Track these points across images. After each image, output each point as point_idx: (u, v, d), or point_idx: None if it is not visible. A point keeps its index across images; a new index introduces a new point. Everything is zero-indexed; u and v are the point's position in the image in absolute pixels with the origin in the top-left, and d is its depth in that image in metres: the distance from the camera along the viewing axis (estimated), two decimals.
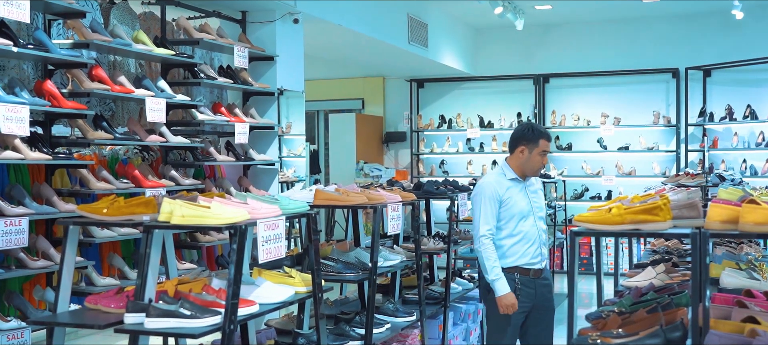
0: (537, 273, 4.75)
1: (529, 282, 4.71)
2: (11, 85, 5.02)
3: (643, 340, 2.83)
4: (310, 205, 4.53)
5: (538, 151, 4.72)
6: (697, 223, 3.05)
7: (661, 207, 2.98)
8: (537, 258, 4.76)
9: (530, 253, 4.73)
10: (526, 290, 4.69)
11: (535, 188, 4.92)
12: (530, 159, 4.72)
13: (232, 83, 7.02)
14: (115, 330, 3.46)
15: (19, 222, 4.87)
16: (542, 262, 4.80)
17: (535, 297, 4.73)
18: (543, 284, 4.80)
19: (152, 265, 3.59)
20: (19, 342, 4.82)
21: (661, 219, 2.98)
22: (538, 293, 4.75)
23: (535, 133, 4.75)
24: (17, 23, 5.26)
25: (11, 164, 5.30)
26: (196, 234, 6.54)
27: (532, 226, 4.75)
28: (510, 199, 4.72)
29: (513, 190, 4.74)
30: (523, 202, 4.75)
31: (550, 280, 4.95)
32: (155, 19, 6.81)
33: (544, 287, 4.81)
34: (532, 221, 4.75)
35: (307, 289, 4.10)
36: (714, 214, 2.86)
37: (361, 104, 13.78)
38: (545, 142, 4.75)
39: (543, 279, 4.80)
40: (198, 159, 6.69)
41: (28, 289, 5.51)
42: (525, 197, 4.78)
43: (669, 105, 12.17)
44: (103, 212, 3.79)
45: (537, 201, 4.86)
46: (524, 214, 4.73)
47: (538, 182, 5.04)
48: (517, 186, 4.78)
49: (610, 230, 3.01)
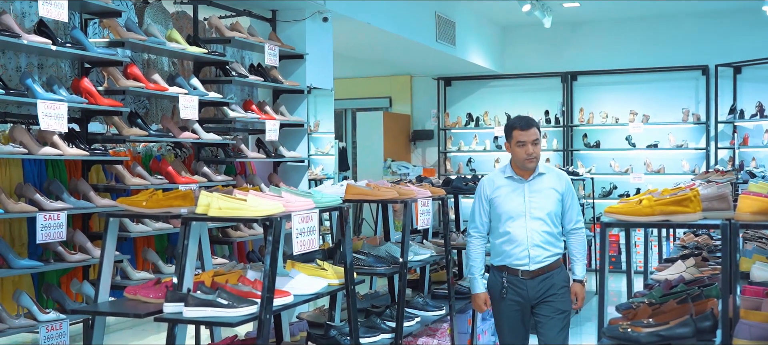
0: (527, 274, 4.50)
1: (518, 282, 4.51)
2: (50, 83, 5.15)
3: (673, 330, 2.86)
4: (342, 200, 4.61)
5: (514, 142, 4.48)
6: (726, 214, 3.07)
7: (691, 198, 3.01)
8: (524, 259, 4.49)
9: (516, 254, 4.49)
10: (513, 289, 4.52)
11: (541, 187, 4.54)
12: (513, 152, 4.51)
13: (262, 81, 7.11)
14: (155, 319, 3.54)
15: (58, 216, 4.99)
16: (533, 264, 4.49)
17: (527, 297, 4.51)
18: (540, 283, 4.51)
19: (190, 256, 3.68)
20: (57, 333, 4.95)
21: (691, 210, 3.01)
22: (530, 294, 4.51)
23: (508, 127, 4.55)
24: (55, 22, 5.38)
25: (49, 160, 5.43)
26: (227, 229, 6.65)
27: (522, 227, 4.48)
28: (497, 198, 4.56)
29: (504, 190, 4.55)
30: (513, 203, 4.52)
31: (557, 279, 4.55)
32: (188, 18, 6.92)
33: (541, 285, 4.51)
34: (522, 222, 4.48)
35: (339, 281, 4.17)
36: (744, 206, 2.89)
37: (388, 102, 13.85)
38: (519, 131, 4.45)
39: (540, 279, 4.51)
40: (229, 156, 6.79)
41: (65, 282, 5.64)
42: (519, 197, 4.52)
43: (699, 102, 12.10)
44: (142, 205, 3.88)
45: (538, 201, 4.51)
46: (512, 215, 4.50)
47: (553, 180, 4.58)
48: (512, 185, 4.55)
49: (641, 221, 3.04)
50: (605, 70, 12.45)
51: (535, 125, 4.52)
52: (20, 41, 4.82)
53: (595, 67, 12.50)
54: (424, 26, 10.05)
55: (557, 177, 4.63)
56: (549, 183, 4.57)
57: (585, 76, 12.68)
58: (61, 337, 4.97)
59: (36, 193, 5.03)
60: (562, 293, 4.55)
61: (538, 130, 4.53)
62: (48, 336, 4.89)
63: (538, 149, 4.51)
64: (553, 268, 4.55)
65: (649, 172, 12.09)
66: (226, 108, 6.68)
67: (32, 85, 4.94)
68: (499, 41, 12.88)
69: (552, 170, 4.67)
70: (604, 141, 12.47)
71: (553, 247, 4.54)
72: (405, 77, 13.66)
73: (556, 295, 4.52)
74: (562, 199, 4.56)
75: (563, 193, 4.56)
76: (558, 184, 4.58)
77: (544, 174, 4.57)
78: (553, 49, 12.68)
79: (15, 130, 5.00)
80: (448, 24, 10.66)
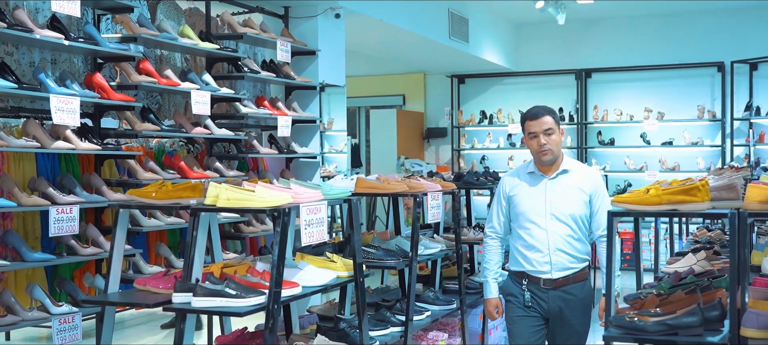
0: (549, 283, 4.08)
1: (539, 291, 4.11)
2: (62, 78, 5.19)
3: (680, 318, 2.85)
4: (351, 193, 4.62)
5: (527, 134, 4.16)
6: (735, 204, 3.06)
7: (699, 188, 3.00)
8: (544, 266, 4.09)
9: (535, 260, 4.11)
10: (535, 299, 4.12)
11: (565, 186, 4.13)
12: (528, 146, 4.17)
13: (274, 77, 7.13)
14: (164, 308, 3.57)
15: (71, 210, 5.03)
16: (556, 272, 4.08)
17: (547, 309, 4.11)
18: (560, 297, 4.09)
19: (199, 247, 3.70)
20: (69, 326, 4.98)
21: (699, 199, 2.99)
22: (551, 305, 4.10)
23: (521, 119, 4.23)
24: (68, 18, 5.43)
25: (62, 154, 5.47)
26: (240, 225, 6.68)
27: (542, 229, 4.09)
28: (516, 196, 4.20)
29: (524, 187, 4.19)
30: (533, 201, 4.14)
31: (581, 293, 4.14)
32: (200, 14, 6.95)
33: (561, 301, 4.09)
34: (542, 223, 4.09)
35: (348, 274, 4.18)
36: (752, 195, 2.87)
37: (402, 100, 13.86)
38: (530, 122, 4.12)
39: (562, 291, 4.09)
40: (241, 151, 6.82)
41: (78, 276, 5.69)
42: (539, 195, 4.13)
43: (714, 99, 12.02)
44: (152, 196, 3.91)
45: (560, 201, 4.10)
46: (531, 216, 4.12)
47: (580, 178, 4.15)
48: (533, 181, 4.18)
49: (649, 210, 3.03)
50: (620, 67, 12.40)
51: (549, 113, 4.14)
52: (33, 36, 4.86)
53: (609, 64, 12.45)
54: (436, 23, 10.04)
55: (585, 175, 4.19)
56: (575, 181, 4.13)
57: (599, 73, 12.63)
58: (74, 330, 5.01)
59: (49, 187, 5.07)
60: (583, 311, 4.14)
61: (552, 119, 4.13)
62: (60, 328, 4.93)
63: (555, 140, 4.10)
64: (579, 280, 4.14)
65: (664, 169, 12.02)
66: (238, 104, 6.71)
67: (45, 79, 4.98)
68: (512, 38, 12.85)
69: (580, 167, 4.26)
70: (619, 138, 12.42)
71: (578, 254, 4.11)
72: (419, 75, 13.66)
73: (575, 313, 4.11)
74: (590, 200, 4.13)
75: (591, 194, 4.13)
76: (586, 183, 4.14)
77: (569, 171, 4.16)
78: (567, 46, 12.64)
79: (28, 125, 5.04)
80: (461, 21, 10.65)
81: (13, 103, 5.25)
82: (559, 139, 4.13)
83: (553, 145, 4.11)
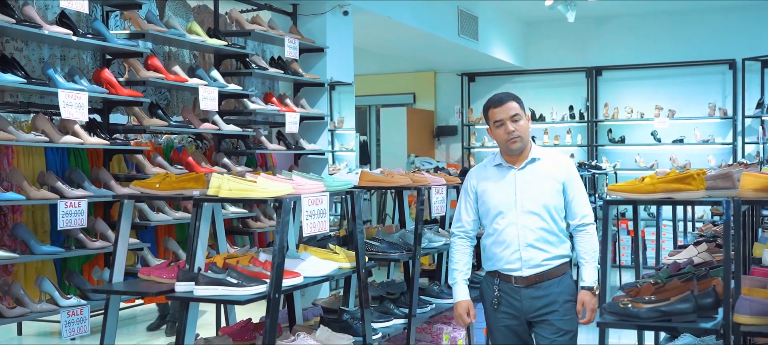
0: (521, 281, 3.78)
1: (511, 291, 3.81)
2: (71, 73, 5.26)
3: (673, 305, 2.87)
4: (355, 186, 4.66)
5: (492, 124, 3.85)
6: (731, 193, 3.08)
7: (694, 176, 3.02)
8: (515, 263, 3.79)
9: (506, 257, 3.81)
10: (506, 299, 3.83)
11: (536, 175, 3.83)
12: (495, 137, 3.88)
13: (282, 74, 7.18)
14: (167, 297, 3.62)
15: (79, 204, 5.10)
16: (527, 269, 3.78)
17: (522, 309, 3.80)
18: (534, 296, 3.78)
19: (201, 237, 3.75)
20: (77, 318, 5.05)
21: (693, 188, 3.01)
22: (526, 306, 3.78)
23: (484, 109, 3.93)
24: (77, 14, 5.50)
25: (71, 149, 5.55)
26: (248, 220, 6.73)
27: (512, 224, 3.79)
28: (485, 191, 3.89)
29: (492, 181, 3.89)
30: (502, 195, 3.84)
31: (560, 289, 3.78)
32: (209, 12, 7.02)
33: (536, 300, 3.78)
34: (512, 218, 3.79)
35: (350, 265, 4.22)
36: (747, 183, 2.89)
37: (412, 98, 13.88)
38: (494, 110, 3.82)
39: (535, 289, 3.78)
40: (250, 147, 6.88)
41: (87, 269, 5.76)
42: (509, 187, 3.84)
43: (725, 97, 11.98)
44: (155, 187, 3.97)
45: (531, 192, 3.81)
46: (501, 210, 3.82)
47: (551, 166, 3.85)
48: (501, 174, 3.88)
49: (644, 198, 3.06)
50: (630, 65, 12.37)
51: (514, 98, 3.84)
52: (42, 32, 4.93)
53: (619, 61, 12.43)
54: (445, 20, 10.07)
55: (556, 163, 3.87)
56: (546, 170, 3.83)
57: (610, 71, 12.60)
58: (82, 322, 5.07)
59: (58, 181, 5.15)
60: (565, 309, 3.76)
61: (518, 104, 3.83)
62: (69, 321, 5.00)
63: (523, 126, 3.80)
64: (555, 276, 3.79)
65: (675, 167, 11.98)
66: (246, 100, 6.76)
67: (54, 75, 5.06)
68: (522, 36, 12.85)
69: (550, 155, 3.92)
70: (629, 136, 12.39)
71: (553, 248, 3.79)
72: (429, 73, 13.69)
73: (557, 311, 3.76)
74: (563, 189, 3.81)
75: (565, 182, 3.82)
76: (557, 171, 3.84)
77: (539, 159, 3.85)
78: (577, 44, 12.63)
79: (37, 119, 5.11)
80: (471, 19, 10.67)
81: (22, 98, 5.33)
82: (527, 125, 3.83)
83: (522, 131, 3.80)
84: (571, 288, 3.80)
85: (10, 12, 4.79)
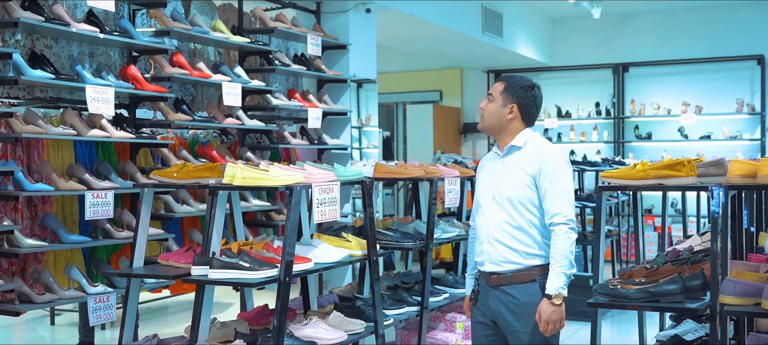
0: (488, 279, 3.54)
1: (482, 287, 3.60)
2: (98, 70, 5.48)
3: (661, 286, 2.97)
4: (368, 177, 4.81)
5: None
6: (721, 180, 3.17)
7: (684, 163, 3.12)
8: (480, 256, 3.59)
9: (476, 249, 3.65)
10: (482, 294, 3.61)
11: (510, 165, 3.58)
12: None
13: (305, 70, 7.34)
14: (183, 280, 3.80)
15: (105, 195, 5.31)
16: (489, 264, 3.53)
17: (489, 309, 3.57)
18: (498, 298, 3.50)
19: (217, 223, 3.93)
20: (104, 305, 5.27)
21: (683, 174, 3.11)
22: (492, 307, 3.54)
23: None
24: (104, 12, 5.72)
25: (99, 143, 5.76)
26: (271, 213, 6.91)
27: (484, 214, 3.58)
28: (477, 179, 3.77)
29: (485, 169, 3.72)
30: (484, 184, 3.66)
31: (526, 297, 3.45)
32: (233, 10, 7.20)
33: (501, 303, 3.50)
34: (486, 208, 3.58)
35: (362, 253, 4.36)
36: (734, 169, 2.98)
37: (439, 96, 14.01)
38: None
39: (500, 292, 3.50)
40: (273, 142, 7.05)
41: (114, 259, 5.97)
42: (489, 175, 3.66)
43: (754, 92, 11.93)
44: (173, 176, 4.15)
45: (502, 181, 3.56)
46: (479, 200, 3.65)
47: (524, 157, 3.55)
48: (492, 162, 3.70)
49: (635, 184, 3.16)
50: (657, 61, 12.37)
51: (504, 80, 3.74)
52: (70, 29, 5.14)
53: (646, 58, 12.43)
54: (469, 18, 10.17)
55: (533, 153, 3.54)
56: (519, 160, 3.56)
57: (636, 67, 12.62)
58: (108, 309, 5.29)
59: (85, 174, 5.36)
60: (529, 320, 3.41)
61: (503, 85, 3.70)
62: (95, 307, 5.21)
63: (490, 108, 3.65)
64: (521, 281, 3.47)
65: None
66: (269, 96, 6.94)
67: (82, 71, 5.27)
68: (548, 33, 12.90)
69: (533, 145, 3.60)
70: (656, 133, 12.40)
71: (520, 246, 3.48)
72: (455, 70, 13.80)
73: (521, 321, 3.44)
74: (535, 183, 3.49)
75: (535, 175, 3.48)
76: (528, 163, 3.51)
77: (520, 148, 3.58)
78: (603, 41, 12.66)
79: (66, 114, 5.33)
80: (495, 16, 10.76)
81: (52, 93, 5.55)
82: (497, 108, 3.61)
83: (487, 113, 3.66)
84: (541, 297, 3.40)
85: (40, 10, 5.01)
